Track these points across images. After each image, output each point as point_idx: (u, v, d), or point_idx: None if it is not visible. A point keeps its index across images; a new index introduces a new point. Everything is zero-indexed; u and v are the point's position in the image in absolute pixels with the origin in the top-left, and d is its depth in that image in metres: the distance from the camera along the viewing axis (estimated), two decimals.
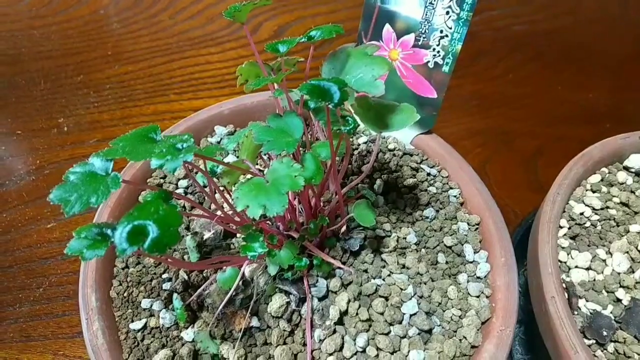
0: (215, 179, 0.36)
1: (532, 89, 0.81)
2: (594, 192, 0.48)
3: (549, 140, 0.74)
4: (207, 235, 0.40)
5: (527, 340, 0.51)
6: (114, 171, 0.27)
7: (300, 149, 0.36)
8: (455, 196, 0.46)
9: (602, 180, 0.48)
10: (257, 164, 0.47)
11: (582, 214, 0.45)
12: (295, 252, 0.35)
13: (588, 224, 0.45)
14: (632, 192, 0.48)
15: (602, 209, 0.46)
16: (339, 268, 0.39)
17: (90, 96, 0.76)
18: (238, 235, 0.41)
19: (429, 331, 0.37)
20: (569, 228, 0.45)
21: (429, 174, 0.48)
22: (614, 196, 0.47)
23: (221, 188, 0.37)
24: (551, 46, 0.89)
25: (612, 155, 0.50)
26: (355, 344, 0.36)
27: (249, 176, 0.32)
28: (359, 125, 0.33)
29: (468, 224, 0.44)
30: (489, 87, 0.80)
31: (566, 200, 0.46)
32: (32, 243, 0.60)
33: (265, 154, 0.40)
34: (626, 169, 0.50)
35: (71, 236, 0.27)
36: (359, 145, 0.49)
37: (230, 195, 0.38)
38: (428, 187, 0.47)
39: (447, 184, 0.47)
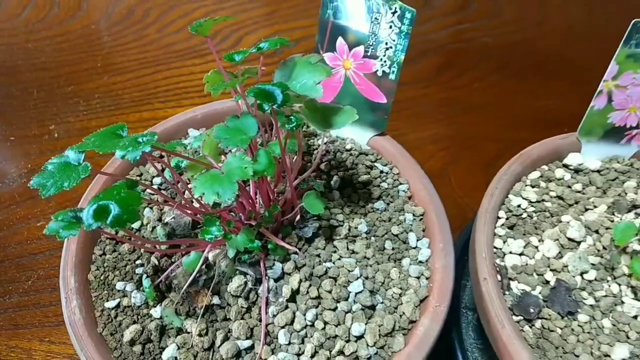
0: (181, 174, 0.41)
1: (496, 97, 0.86)
2: (533, 187, 0.52)
3: (509, 144, 0.78)
4: (174, 223, 0.45)
5: (478, 326, 0.55)
6: (85, 162, 0.32)
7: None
8: (404, 191, 0.51)
9: (541, 176, 0.53)
10: (221, 161, 0.51)
11: (519, 206, 0.50)
12: (251, 237, 0.40)
13: (525, 215, 0.50)
14: (569, 186, 0.52)
15: (538, 201, 0.50)
16: (294, 253, 0.44)
17: (80, 105, 0.81)
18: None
19: (372, 307, 0.42)
20: (507, 219, 0.49)
21: (381, 171, 0.52)
22: (550, 190, 0.52)
23: (187, 181, 0.42)
24: (516, 57, 0.94)
25: (551, 154, 0.55)
26: (305, 318, 0.40)
27: None
28: (302, 123, 0.38)
29: (413, 215, 0.49)
30: (454, 95, 0.85)
31: (505, 194, 0.51)
32: (23, 240, 0.64)
33: (227, 151, 0.45)
34: (565, 166, 0.55)
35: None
36: (319, 145, 0.54)
37: None
38: (380, 183, 0.51)
39: (398, 180, 0.52)
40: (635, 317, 0.42)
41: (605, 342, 0.41)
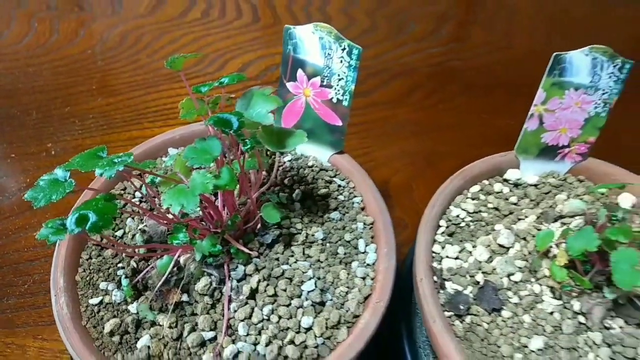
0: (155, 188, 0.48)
1: (460, 117, 0.93)
2: (473, 199, 0.59)
3: (470, 160, 0.84)
4: (151, 231, 0.51)
5: None
6: (71, 179, 0.39)
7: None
8: (358, 203, 0.57)
9: (481, 190, 0.60)
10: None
11: (458, 216, 0.56)
12: (214, 242, 0.46)
13: (463, 224, 0.56)
14: (506, 199, 0.59)
15: (475, 212, 0.57)
16: (256, 257, 0.50)
17: (76, 125, 0.88)
18: None
19: (322, 304, 0.48)
20: (447, 227, 0.56)
21: (339, 186, 0.59)
22: (489, 202, 0.58)
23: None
24: (482, 79, 1.01)
25: (492, 170, 0.61)
26: (262, 313, 0.47)
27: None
28: (255, 146, 0.45)
29: (364, 223, 0.55)
30: (421, 116, 0.92)
31: (447, 206, 0.57)
32: (20, 248, 0.71)
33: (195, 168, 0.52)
34: (505, 181, 0.62)
35: None
36: (284, 162, 0.61)
37: None
38: (338, 195, 0.58)
39: (353, 193, 0.59)
40: (551, 313, 0.48)
41: (525, 334, 0.47)
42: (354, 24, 1.13)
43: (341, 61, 0.53)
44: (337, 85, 0.55)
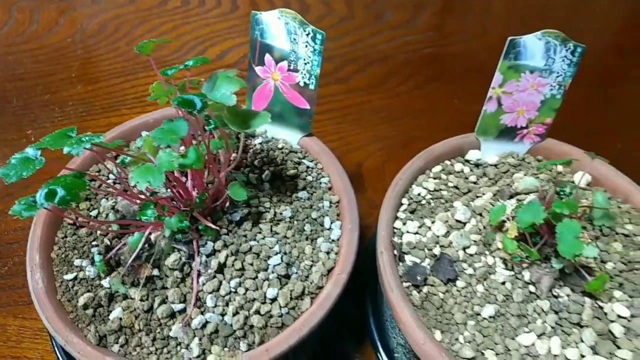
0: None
1: (433, 103, 0.95)
2: (435, 179, 0.62)
3: None
4: (124, 210, 0.53)
5: None
6: (41, 157, 0.41)
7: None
8: (325, 183, 0.60)
9: (442, 170, 0.63)
10: None
11: (419, 194, 0.59)
12: (182, 219, 0.48)
13: (424, 202, 0.59)
14: (466, 178, 0.62)
15: (436, 190, 0.60)
16: (225, 234, 0.52)
17: (56, 112, 0.90)
18: None
19: (287, 276, 0.51)
20: (409, 205, 0.58)
21: (308, 167, 0.61)
22: (449, 181, 0.61)
23: None
24: (456, 66, 1.04)
25: (454, 151, 0.64)
26: (229, 285, 0.49)
27: None
28: (218, 126, 0.47)
29: (330, 202, 0.58)
30: (395, 101, 0.95)
31: (409, 185, 0.60)
32: (1, 231, 0.72)
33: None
34: (467, 161, 0.64)
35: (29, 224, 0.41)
36: (254, 145, 0.63)
37: None
38: (306, 176, 0.60)
39: (321, 174, 0.61)
40: (503, 283, 0.51)
41: (477, 303, 0.50)
42: (332, 12, 1.15)
43: (306, 46, 0.55)
44: (304, 69, 0.57)
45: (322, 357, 0.61)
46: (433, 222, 0.56)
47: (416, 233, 0.56)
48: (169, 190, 0.51)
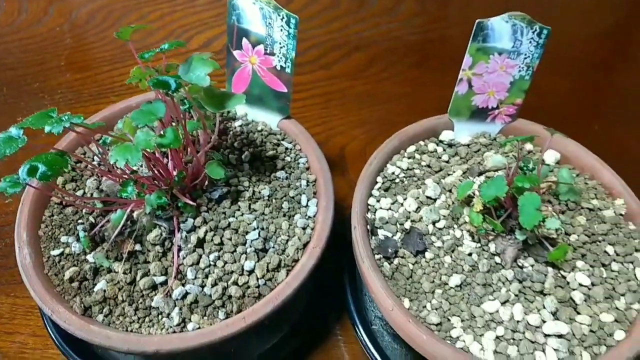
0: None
1: (415, 88, 0.98)
2: (408, 158, 0.64)
3: None
4: (108, 190, 0.56)
5: None
6: (24, 135, 0.43)
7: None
8: (303, 163, 0.62)
9: (416, 150, 0.65)
10: None
11: (393, 173, 0.61)
12: (161, 196, 0.51)
13: (397, 180, 0.61)
14: (438, 157, 0.64)
15: (409, 169, 0.62)
16: (205, 212, 0.55)
17: (45, 99, 0.92)
18: None
19: (265, 250, 0.53)
20: (383, 183, 0.61)
21: (286, 148, 0.64)
22: (422, 161, 0.63)
23: None
24: (438, 52, 1.06)
25: (428, 132, 0.67)
26: (208, 259, 0.52)
27: None
28: (193, 106, 0.49)
29: (307, 181, 0.60)
30: (377, 87, 0.97)
31: (384, 164, 0.63)
32: None
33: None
34: (441, 142, 0.67)
35: None
36: (235, 127, 0.65)
37: None
38: (285, 157, 0.63)
39: (299, 154, 0.63)
40: (470, 254, 0.54)
41: (445, 273, 0.53)
42: (317, 0, 1.16)
43: (281, 30, 0.57)
44: (280, 53, 0.59)
45: (304, 332, 0.64)
46: (405, 199, 0.59)
47: (389, 209, 0.58)
48: (142, 166, 0.53)
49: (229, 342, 0.48)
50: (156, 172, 0.53)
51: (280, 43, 0.58)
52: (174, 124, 0.53)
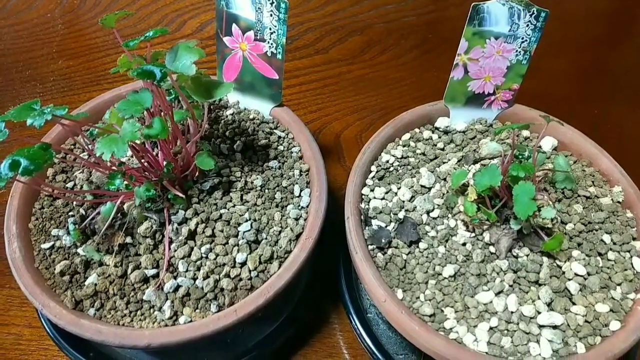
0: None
1: (413, 72, 0.96)
2: (403, 146, 0.63)
3: None
4: (98, 182, 0.55)
5: None
6: (6, 129, 0.42)
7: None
8: (296, 152, 0.61)
9: (411, 137, 0.64)
10: None
11: (387, 161, 0.60)
12: (150, 188, 0.50)
13: (392, 168, 0.60)
14: (434, 145, 0.63)
15: (403, 157, 0.61)
16: (197, 203, 0.54)
17: (37, 87, 0.91)
18: None
19: (257, 242, 0.53)
20: (377, 172, 0.60)
21: (279, 137, 0.63)
22: (417, 148, 0.62)
23: None
24: (435, 35, 1.03)
25: (423, 119, 0.65)
26: (200, 251, 0.51)
27: None
28: (179, 95, 0.48)
29: (300, 171, 0.59)
30: (374, 71, 0.95)
31: (378, 153, 0.62)
32: None
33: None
34: (437, 129, 0.65)
35: None
36: (226, 116, 0.64)
37: None
38: (277, 146, 0.62)
39: (292, 143, 0.62)
40: (464, 244, 0.53)
41: (438, 263, 0.52)
42: None
43: (271, 15, 0.56)
44: (270, 38, 0.58)
45: (300, 321, 0.64)
46: (399, 188, 0.58)
47: (383, 199, 0.57)
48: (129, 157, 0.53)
49: (221, 334, 0.48)
50: (145, 163, 0.52)
51: (270, 28, 0.57)
52: (162, 113, 0.52)
